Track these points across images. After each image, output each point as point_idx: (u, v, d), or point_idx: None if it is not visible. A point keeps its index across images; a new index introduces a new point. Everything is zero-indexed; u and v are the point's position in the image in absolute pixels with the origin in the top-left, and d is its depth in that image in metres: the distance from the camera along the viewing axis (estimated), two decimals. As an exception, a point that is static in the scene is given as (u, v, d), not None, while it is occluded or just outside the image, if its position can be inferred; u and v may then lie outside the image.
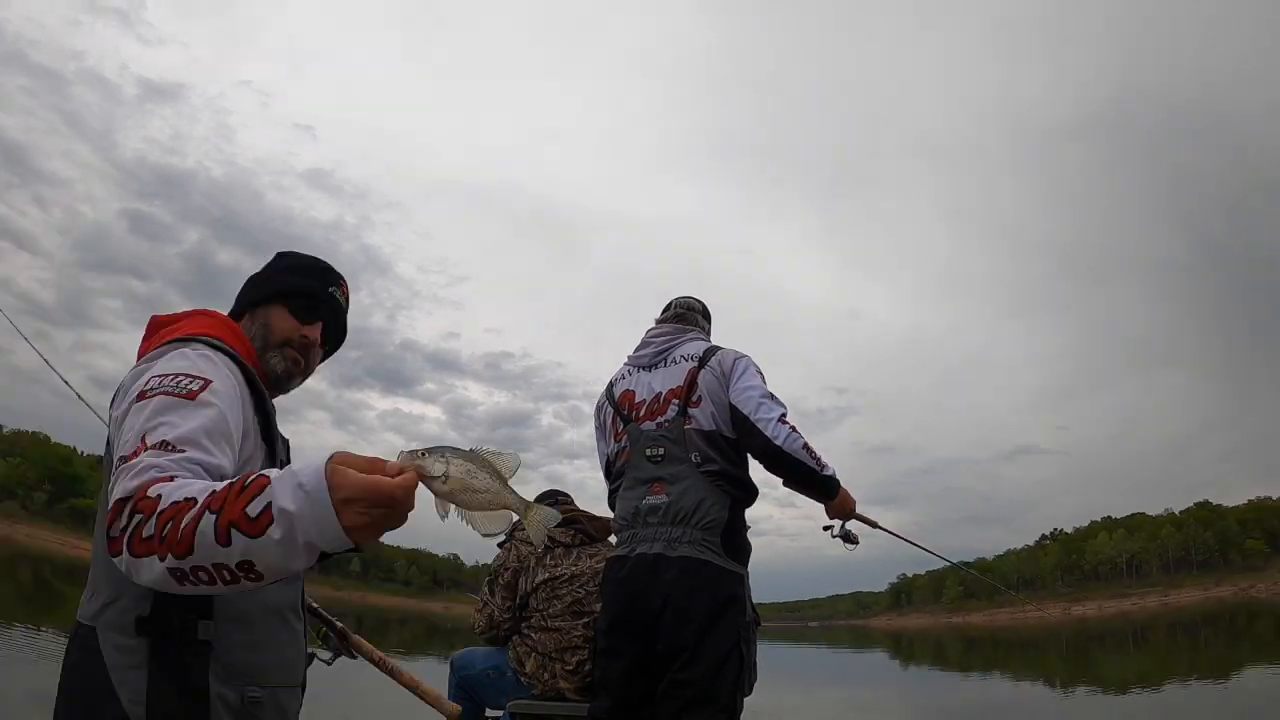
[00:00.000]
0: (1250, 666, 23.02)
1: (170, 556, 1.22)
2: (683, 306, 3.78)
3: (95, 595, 1.65)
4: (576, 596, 4.02)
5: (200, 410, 1.53)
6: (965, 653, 49.66)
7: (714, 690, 3.04)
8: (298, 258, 2.19)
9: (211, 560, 1.21)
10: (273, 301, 2.06)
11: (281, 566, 1.22)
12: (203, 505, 1.22)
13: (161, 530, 1.23)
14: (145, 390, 1.56)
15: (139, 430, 1.47)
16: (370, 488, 1.19)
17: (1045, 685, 23.22)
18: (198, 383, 1.59)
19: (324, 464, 1.21)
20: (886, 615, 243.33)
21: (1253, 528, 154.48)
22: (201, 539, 1.20)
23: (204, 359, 1.70)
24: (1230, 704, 15.30)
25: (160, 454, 1.39)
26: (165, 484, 1.30)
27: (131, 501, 1.28)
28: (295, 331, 2.04)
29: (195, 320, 1.92)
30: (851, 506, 3.54)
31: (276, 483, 1.21)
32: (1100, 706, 17.01)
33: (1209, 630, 51.70)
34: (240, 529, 1.19)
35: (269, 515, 1.18)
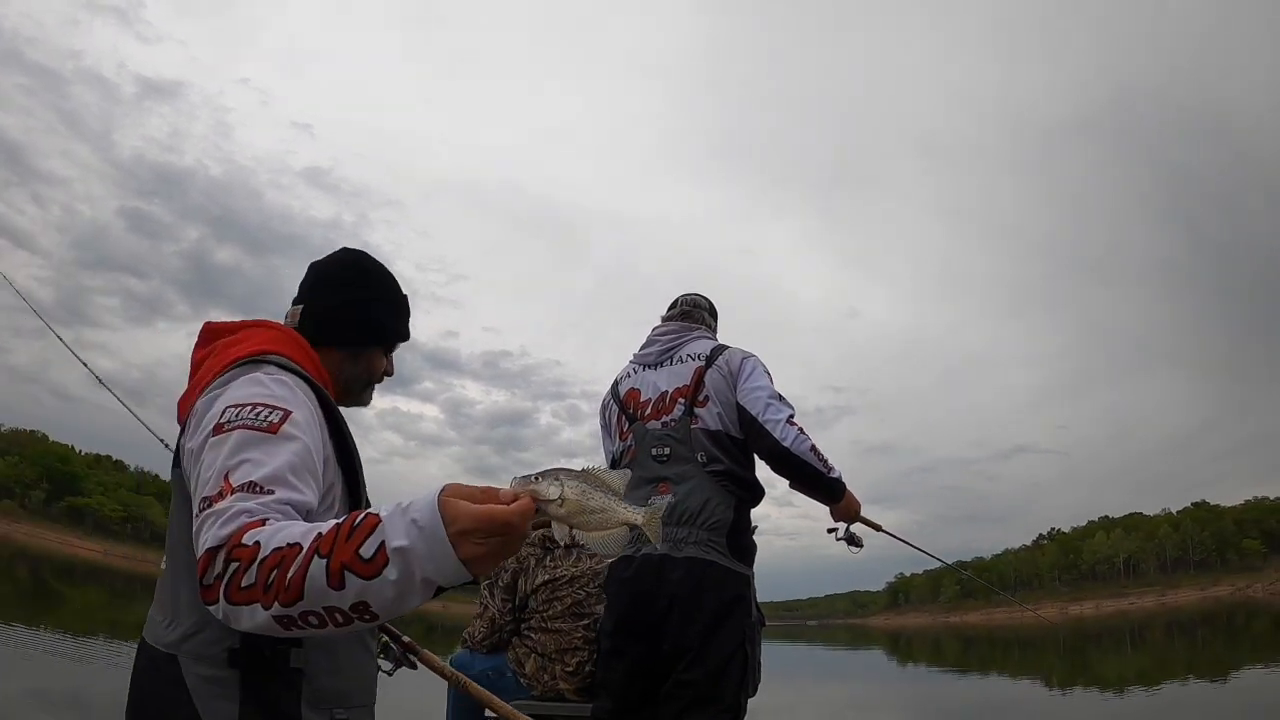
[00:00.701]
0: (1248, 666, 23.03)
1: (277, 604, 1.19)
2: (689, 304, 3.75)
3: (175, 624, 1.59)
4: (577, 598, 4.00)
5: (284, 445, 1.48)
6: (963, 652, 49.72)
7: (718, 690, 3.03)
8: (388, 283, 2.15)
9: (323, 604, 1.18)
10: (375, 346, 2.09)
11: (398, 605, 1.19)
12: (310, 550, 1.19)
13: (266, 578, 1.19)
14: (222, 423, 1.50)
15: (220, 468, 1.41)
16: (486, 517, 1.16)
17: (1043, 685, 23.22)
18: (277, 413, 1.53)
19: (436, 497, 1.18)
20: (884, 614, 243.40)
21: (1250, 528, 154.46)
22: (312, 584, 1.17)
23: (279, 384, 1.64)
24: (1228, 704, 15.30)
25: (249, 496, 1.35)
26: (260, 529, 1.26)
27: (225, 550, 1.25)
28: (385, 368, 2.12)
29: (257, 333, 1.85)
30: (856, 509, 3.52)
31: (388, 521, 1.17)
32: (1098, 706, 17.01)
33: (1206, 630, 51.76)
34: (354, 571, 1.15)
35: (383, 555, 1.15)
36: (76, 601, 31.46)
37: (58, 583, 42.36)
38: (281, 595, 1.18)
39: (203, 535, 1.30)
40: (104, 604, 33.17)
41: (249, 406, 1.52)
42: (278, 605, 1.19)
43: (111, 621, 23.86)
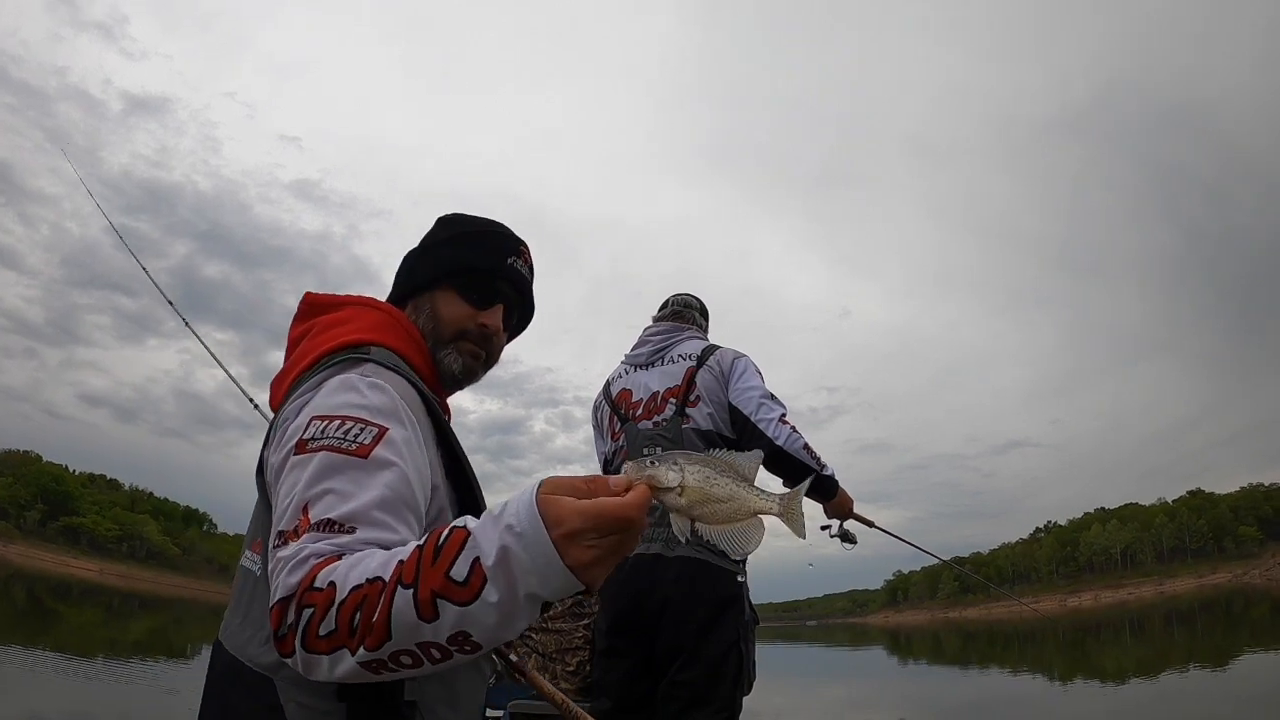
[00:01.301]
0: (1248, 652, 23.09)
1: (362, 649, 1.02)
2: (680, 304, 3.76)
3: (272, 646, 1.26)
4: (576, 598, 3.96)
5: (376, 474, 1.23)
6: (963, 647, 49.76)
7: (714, 690, 3.03)
8: (464, 222, 1.80)
9: (415, 641, 1.01)
10: (440, 284, 1.70)
11: (503, 630, 1.02)
12: (392, 581, 1.02)
13: (349, 622, 1.03)
14: (306, 440, 1.27)
15: (300, 498, 1.20)
16: (596, 514, 0.98)
17: (1044, 678, 23.25)
18: (370, 432, 1.28)
19: (534, 496, 1.00)
20: (883, 612, 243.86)
21: (1246, 515, 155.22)
22: (399, 620, 1.00)
23: (377, 390, 1.36)
24: (1229, 691, 15.32)
25: (325, 536, 1.15)
26: (334, 567, 1.08)
27: (296, 599, 1.08)
28: (470, 320, 1.69)
29: (362, 315, 1.61)
30: (849, 506, 3.54)
31: (478, 532, 1.01)
32: (1099, 697, 17.02)
33: (1205, 618, 51.87)
34: (448, 598, 0.98)
35: (480, 574, 0.98)
36: (74, 621, 31.29)
37: (54, 603, 42.13)
38: (368, 639, 1.02)
39: (274, 582, 1.13)
40: (101, 623, 33.00)
41: (337, 421, 1.29)
42: (364, 650, 1.02)
43: (110, 640, 23.81)
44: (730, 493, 1.10)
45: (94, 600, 53.53)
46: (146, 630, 32.67)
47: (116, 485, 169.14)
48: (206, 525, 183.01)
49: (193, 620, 46.55)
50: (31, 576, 73.75)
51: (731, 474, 1.11)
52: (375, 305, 1.67)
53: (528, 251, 1.79)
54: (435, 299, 1.69)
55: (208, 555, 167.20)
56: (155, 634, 30.99)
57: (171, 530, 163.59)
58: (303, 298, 1.68)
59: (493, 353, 1.74)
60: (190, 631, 35.53)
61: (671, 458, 1.09)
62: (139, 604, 59.40)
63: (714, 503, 1.10)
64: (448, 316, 1.67)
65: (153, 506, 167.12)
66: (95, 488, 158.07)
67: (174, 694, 12.26)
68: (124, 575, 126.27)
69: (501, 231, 1.77)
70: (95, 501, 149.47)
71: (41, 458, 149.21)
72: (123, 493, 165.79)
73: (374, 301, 1.68)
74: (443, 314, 1.68)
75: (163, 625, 37.84)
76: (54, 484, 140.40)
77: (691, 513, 1.09)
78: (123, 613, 44.94)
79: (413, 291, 1.72)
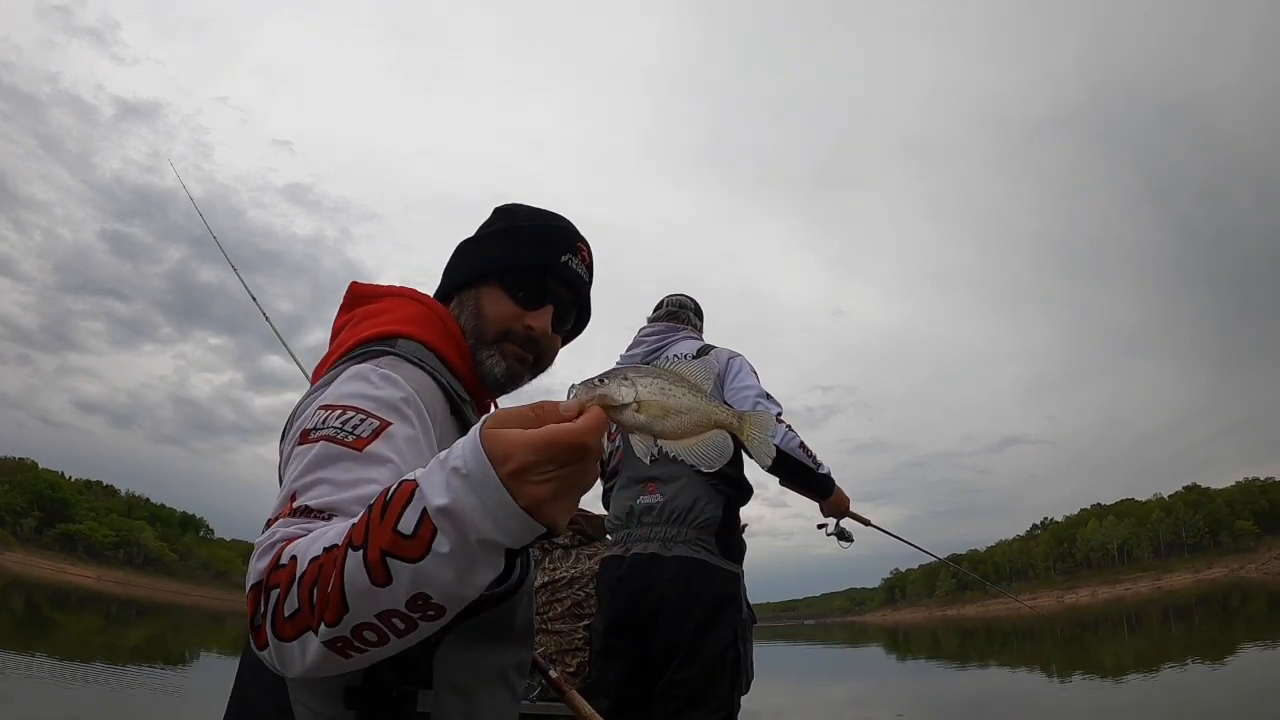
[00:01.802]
0: (1245, 646, 23.13)
1: (324, 626, 0.92)
2: (675, 304, 3.76)
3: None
4: (577, 599, 3.98)
5: (368, 469, 1.15)
6: (961, 645, 49.79)
7: (711, 689, 3.03)
8: (520, 214, 1.68)
9: (374, 611, 0.91)
10: (487, 280, 1.59)
11: (463, 587, 0.91)
12: (344, 545, 0.92)
13: (309, 598, 0.93)
14: (309, 429, 1.20)
15: (290, 486, 1.13)
16: (546, 444, 0.88)
17: (1042, 674, 23.29)
18: (370, 425, 1.19)
19: (478, 432, 0.89)
20: (881, 611, 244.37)
21: (1242, 509, 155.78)
22: (353, 587, 0.90)
23: (388, 383, 1.28)
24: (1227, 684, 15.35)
25: (298, 521, 1.07)
26: (297, 542, 1.01)
27: (265, 582, 0.99)
28: (516, 320, 1.56)
29: (397, 306, 1.53)
30: (846, 504, 3.55)
31: (424, 480, 0.91)
32: (1099, 693, 17.05)
33: (1203, 612, 51.95)
34: (398, 555, 0.88)
35: (428, 525, 0.88)
36: (71, 628, 31.23)
37: (52, 610, 42.04)
38: (327, 613, 0.92)
39: (248, 570, 1.04)
40: (99, 630, 32.93)
41: (339, 411, 1.21)
42: (324, 626, 0.92)
43: (107, 646, 23.77)
44: (690, 404, 1.01)
45: (92, 607, 53.36)
46: (145, 637, 32.61)
47: (113, 491, 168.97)
48: (203, 531, 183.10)
49: (190, 626, 46.58)
50: (29, 584, 73.71)
51: (685, 386, 1.02)
52: (415, 297, 1.57)
53: (587, 249, 1.66)
54: (481, 296, 1.58)
55: (204, 561, 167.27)
56: (153, 641, 30.94)
57: (168, 536, 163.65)
58: (348, 287, 1.61)
59: (542, 357, 1.62)
60: (188, 638, 35.54)
61: (621, 373, 0.99)
62: (136, 611, 59.30)
63: (674, 415, 1.00)
64: (492, 315, 1.56)
65: (149, 513, 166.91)
66: (92, 494, 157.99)
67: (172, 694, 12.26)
68: (121, 582, 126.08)
69: (560, 225, 1.65)
70: (92, 508, 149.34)
71: (37, 465, 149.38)
72: (119, 499, 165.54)
73: (414, 293, 1.59)
74: (487, 312, 1.56)
75: (161, 632, 37.78)
76: (50, 491, 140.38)
77: (652, 429, 0.99)
78: (120, 619, 44.83)
79: (459, 286, 1.61)
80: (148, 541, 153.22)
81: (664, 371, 1.02)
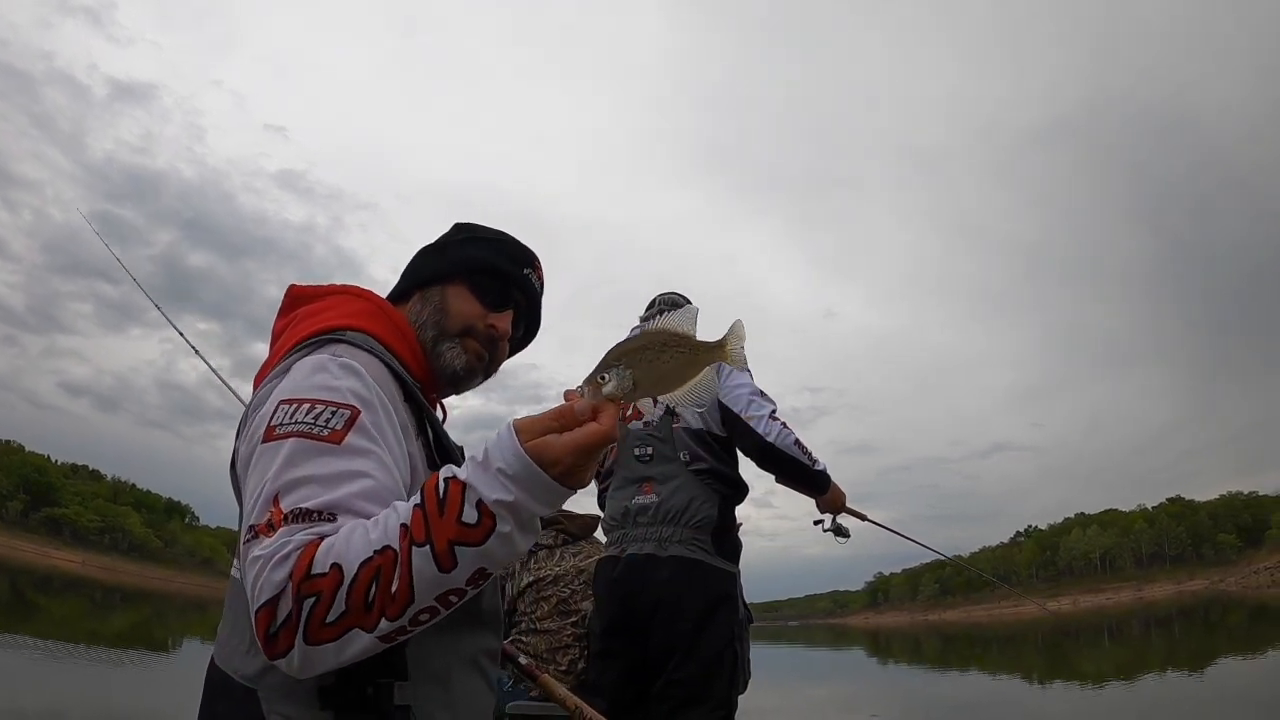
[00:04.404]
0: (1223, 658, 23.26)
1: (383, 621, 1.03)
2: (667, 303, 3.73)
3: (256, 650, 1.18)
4: (562, 596, 4.00)
5: (352, 460, 1.18)
6: (943, 649, 49.85)
7: (709, 689, 3.05)
8: (482, 229, 1.75)
9: (436, 594, 1.05)
10: (454, 279, 1.64)
11: (513, 555, 1.09)
12: (404, 544, 1.03)
13: (364, 599, 1.02)
14: (274, 425, 1.20)
15: (271, 488, 1.14)
16: (585, 447, 1.06)
17: (1023, 680, 23.36)
18: (342, 415, 1.21)
19: (517, 443, 1.06)
20: (864, 613, 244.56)
21: (1225, 522, 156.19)
22: (422, 578, 1.03)
23: (348, 372, 1.29)
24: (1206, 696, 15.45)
25: (304, 526, 1.09)
26: (328, 547, 1.05)
27: (291, 592, 1.02)
28: (480, 318, 1.62)
29: (341, 303, 1.54)
30: (842, 500, 3.56)
31: (473, 479, 1.05)
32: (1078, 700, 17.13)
33: (1183, 623, 52.10)
34: (465, 542, 1.03)
35: (488, 514, 1.04)
36: (55, 612, 31.10)
37: (35, 595, 41.83)
38: (389, 608, 1.03)
39: (254, 582, 1.06)
40: (82, 615, 32.79)
41: (307, 405, 1.22)
42: (385, 621, 1.03)
43: (90, 632, 23.69)
44: (674, 361, 1.14)
45: (76, 592, 53.09)
46: (128, 623, 32.48)
47: (99, 476, 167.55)
48: (188, 518, 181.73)
49: (174, 613, 46.37)
50: (13, 568, 73.12)
51: (669, 343, 1.14)
52: (359, 294, 1.59)
53: (540, 266, 1.75)
54: (447, 292, 1.62)
55: (189, 548, 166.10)
56: (137, 626, 30.82)
57: (153, 522, 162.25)
58: (287, 290, 1.60)
59: (496, 358, 1.67)
60: (171, 625, 35.41)
61: (609, 366, 1.12)
62: (121, 597, 59.00)
63: (666, 381, 1.14)
64: (457, 311, 1.60)
65: (135, 498, 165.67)
66: (78, 479, 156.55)
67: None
68: (106, 567, 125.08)
69: (520, 243, 1.74)
70: (77, 493, 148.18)
71: (24, 448, 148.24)
72: (105, 484, 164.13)
73: (359, 290, 1.60)
74: (452, 308, 1.61)
75: (145, 618, 37.62)
76: (36, 474, 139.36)
77: (652, 393, 1.15)
78: (105, 605, 44.61)
79: (423, 284, 1.65)
80: (133, 527, 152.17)
81: (650, 335, 1.14)
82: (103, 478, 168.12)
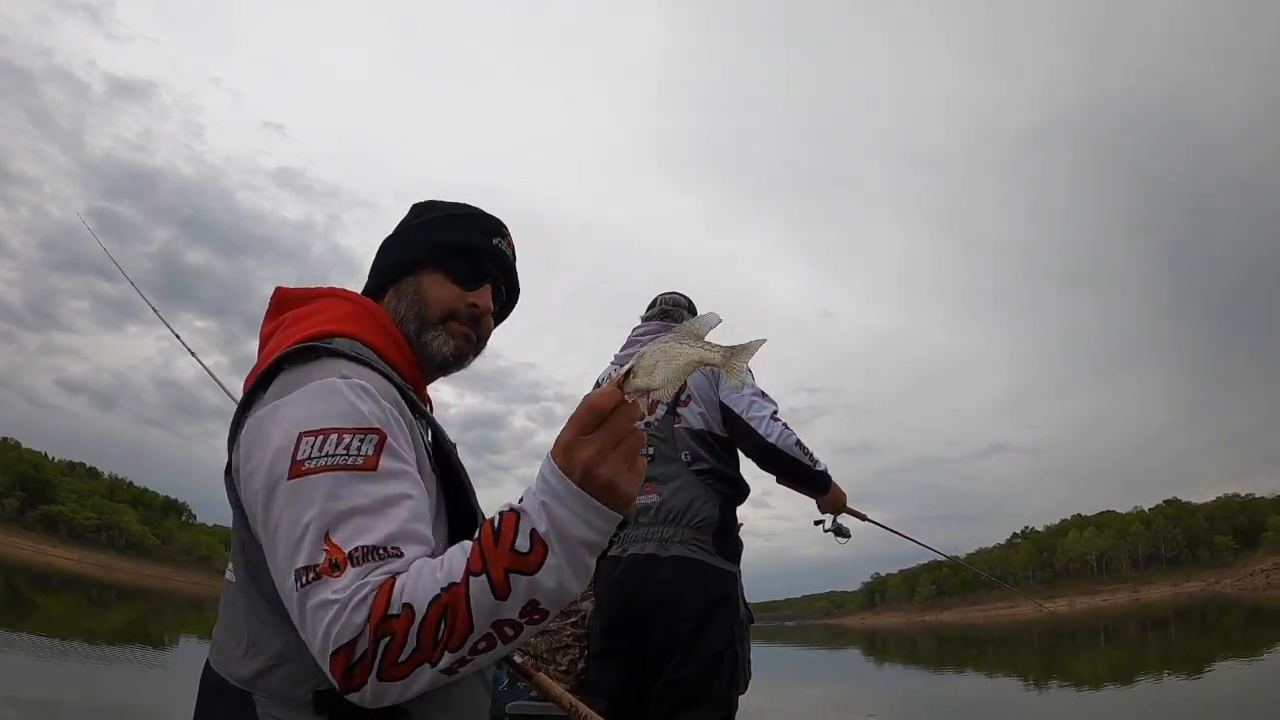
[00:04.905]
0: (1221, 660, 23.26)
1: (446, 654, 1.06)
2: (669, 303, 3.74)
3: (251, 654, 1.27)
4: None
5: (387, 484, 1.18)
6: (939, 650, 49.86)
7: (709, 689, 3.04)
8: (442, 206, 1.70)
9: (492, 621, 1.06)
10: (424, 266, 1.59)
11: (562, 593, 1.09)
12: (464, 576, 1.06)
13: (433, 635, 1.05)
14: (302, 461, 1.16)
15: (318, 526, 1.12)
16: (575, 416, 1.09)
17: (1020, 681, 23.36)
18: (371, 440, 1.20)
19: (549, 459, 1.10)
20: (860, 614, 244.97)
21: (1221, 524, 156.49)
22: (479, 605, 1.05)
23: (365, 393, 1.26)
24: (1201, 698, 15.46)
25: (374, 566, 1.10)
26: (400, 587, 1.07)
27: (368, 635, 1.04)
28: (459, 300, 1.58)
29: (328, 306, 1.50)
30: (843, 501, 3.56)
31: (525, 508, 1.08)
32: (1074, 701, 17.14)
33: (1179, 625, 52.11)
34: (518, 569, 1.05)
35: (539, 540, 1.06)
36: (52, 610, 31.05)
37: (32, 592, 41.78)
38: (452, 640, 1.05)
39: (329, 624, 1.06)
40: (79, 612, 32.74)
41: (333, 436, 1.19)
42: (447, 654, 1.06)
43: (87, 629, 23.66)
44: (687, 357, 1.10)
45: (73, 590, 53.01)
46: (125, 620, 32.45)
47: (96, 474, 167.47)
48: (185, 515, 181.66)
49: (170, 611, 46.33)
50: (10, 565, 73.03)
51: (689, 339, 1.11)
52: (346, 297, 1.55)
53: (509, 233, 1.71)
54: (420, 282, 1.58)
55: (186, 546, 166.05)
56: (133, 624, 30.80)
57: (150, 520, 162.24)
58: (273, 292, 1.56)
59: (483, 335, 1.64)
60: (168, 622, 35.37)
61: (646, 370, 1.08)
62: (117, 594, 58.93)
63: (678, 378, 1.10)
64: (435, 298, 1.57)
65: (132, 496, 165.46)
66: (75, 476, 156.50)
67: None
68: (103, 565, 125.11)
69: (484, 213, 1.69)
70: (74, 490, 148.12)
71: (20, 445, 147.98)
72: (102, 481, 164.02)
73: (346, 293, 1.57)
74: (430, 296, 1.57)
75: (141, 616, 37.59)
76: (33, 472, 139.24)
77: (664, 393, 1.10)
78: (101, 602, 44.57)
79: (393, 278, 1.61)
80: (130, 525, 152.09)
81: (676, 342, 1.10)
82: (100, 475, 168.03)
